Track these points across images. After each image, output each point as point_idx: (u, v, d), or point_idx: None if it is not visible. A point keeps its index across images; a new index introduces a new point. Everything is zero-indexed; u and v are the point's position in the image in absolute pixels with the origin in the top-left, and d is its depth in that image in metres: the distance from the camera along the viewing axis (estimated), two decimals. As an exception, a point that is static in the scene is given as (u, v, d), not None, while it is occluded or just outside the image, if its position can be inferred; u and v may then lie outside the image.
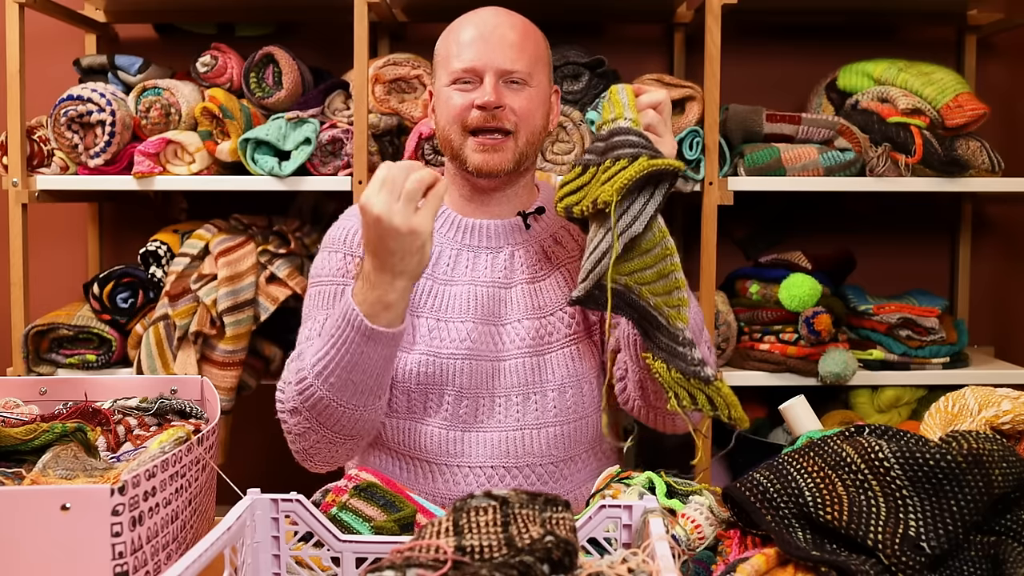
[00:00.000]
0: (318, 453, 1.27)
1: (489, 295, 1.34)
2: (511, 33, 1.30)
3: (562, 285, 1.36)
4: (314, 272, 1.38)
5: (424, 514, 0.97)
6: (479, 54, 1.28)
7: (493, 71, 1.28)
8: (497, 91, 1.27)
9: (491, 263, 1.35)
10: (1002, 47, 2.36)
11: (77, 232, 2.38)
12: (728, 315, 2.04)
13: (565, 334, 1.34)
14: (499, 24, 1.30)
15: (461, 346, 1.31)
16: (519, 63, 1.29)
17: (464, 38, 1.30)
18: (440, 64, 1.34)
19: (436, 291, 1.34)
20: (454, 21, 1.35)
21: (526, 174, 1.38)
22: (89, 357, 2.03)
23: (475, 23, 1.31)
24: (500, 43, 1.28)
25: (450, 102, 1.30)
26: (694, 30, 2.19)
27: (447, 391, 1.32)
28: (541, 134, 1.35)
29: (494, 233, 1.37)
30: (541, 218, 1.40)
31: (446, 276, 1.35)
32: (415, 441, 1.33)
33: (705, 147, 1.94)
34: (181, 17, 2.31)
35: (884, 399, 2.07)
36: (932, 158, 1.95)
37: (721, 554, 0.87)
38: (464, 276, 1.34)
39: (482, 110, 1.27)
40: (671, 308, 1.13)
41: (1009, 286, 2.40)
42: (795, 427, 1.63)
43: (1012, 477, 0.81)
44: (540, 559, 0.65)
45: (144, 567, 0.87)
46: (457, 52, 1.30)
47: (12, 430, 0.97)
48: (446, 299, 1.33)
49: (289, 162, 1.93)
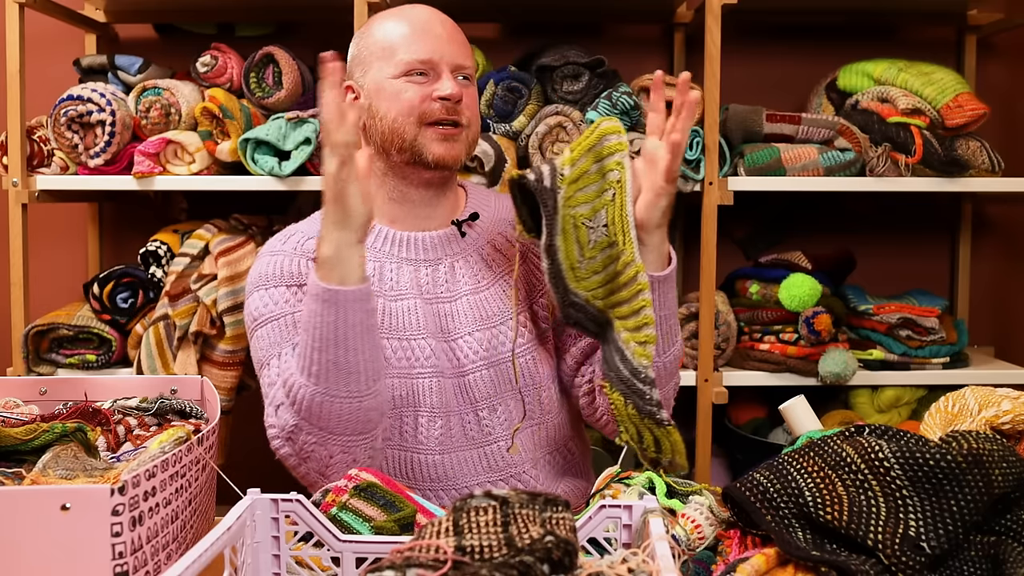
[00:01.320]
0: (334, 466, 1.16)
1: (435, 310, 1.29)
2: (455, 30, 1.30)
3: (507, 293, 1.32)
4: (256, 314, 1.26)
5: (424, 514, 0.97)
6: (434, 47, 1.26)
7: (449, 64, 1.26)
8: (457, 84, 1.26)
9: (432, 276, 1.31)
10: (1002, 47, 2.36)
11: (77, 232, 2.38)
12: (728, 315, 2.04)
13: (518, 343, 1.30)
14: (443, 20, 1.30)
15: (427, 364, 1.27)
16: (468, 59, 1.29)
17: (410, 31, 1.27)
18: (379, 56, 1.28)
19: (387, 308, 1.28)
20: (380, 15, 1.32)
21: (456, 175, 1.38)
22: (89, 357, 2.03)
23: (417, 17, 1.29)
24: (451, 38, 1.28)
25: (404, 95, 1.25)
26: (694, 30, 2.19)
27: (420, 412, 1.27)
28: (479, 134, 1.35)
29: (430, 245, 1.32)
30: (476, 224, 1.36)
31: (393, 292, 1.29)
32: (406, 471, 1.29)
33: (705, 147, 1.94)
34: (181, 17, 2.31)
35: (884, 399, 2.07)
36: (932, 158, 1.95)
37: (721, 554, 0.87)
38: (410, 290, 1.30)
39: (445, 102, 1.25)
40: (638, 344, 1.14)
41: (1009, 286, 2.40)
42: (795, 427, 1.63)
43: (1012, 477, 0.81)
44: (540, 559, 0.65)
45: (144, 567, 0.87)
46: (406, 44, 1.26)
47: (12, 430, 0.97)
48: (399, 315, 1.28)
49: (289, 162, 1.93)
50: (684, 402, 1.78)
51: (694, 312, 2.02)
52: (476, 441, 1.29)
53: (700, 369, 1.99)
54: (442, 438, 1.28)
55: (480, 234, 1.36)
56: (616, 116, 1.94)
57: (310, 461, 1.17)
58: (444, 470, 1.29)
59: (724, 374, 2.02)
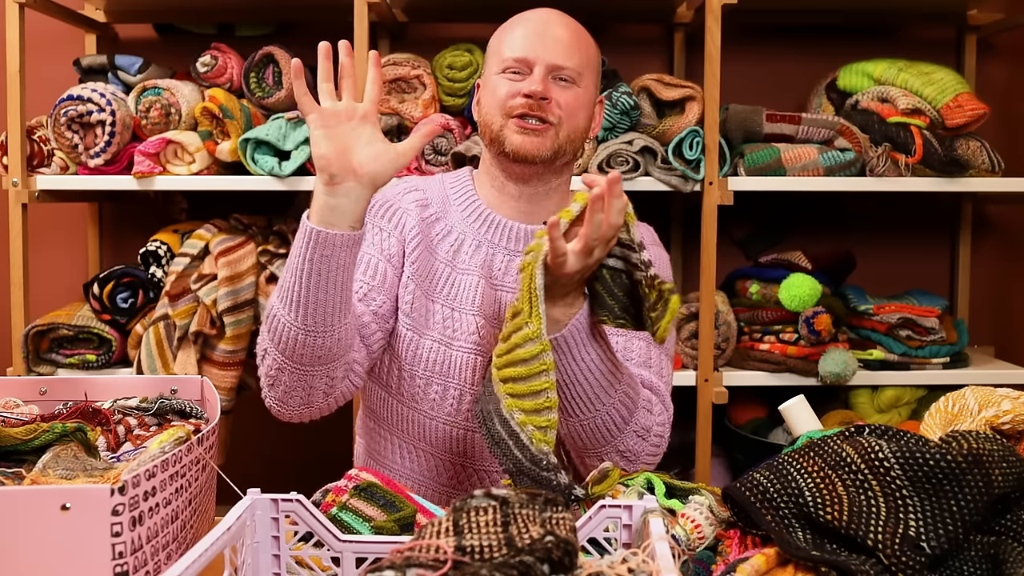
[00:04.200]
0: (294, 392, 1.18)
1: (495, 297, 1.33)
2: (565, 32, 1.31)
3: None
4: None
5: (424, 514, 0.97)
6: (532, 46, 1.29)
7: (544, 64, 1.28)
8: (545, 83, 1.28)
9: (506, 265, 1.34)
10: (1002, 47, 2.36)
11: (77, 232, 2.38)
12: (728, 315, 2.04)
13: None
14: (555, 23, 1.32)
15: (470, 339, 1.31)
16: (570, 61, 1.29)
17: (518, 32, 1.31)
18: (491, 55, 1.35)
19: (453, 279, 1.33)
20: (511, 18, 1.36)
21: (561, 174, 1.36)
22: (89, 357, 2.03)
23: (531, 19, 1.33)
24: (554, 39, 1.29)
25: (497, 90, 1.30)
26: (694, 30, 2.19)
27: (451, 385, 1.31)
28: (582, 135, 1.34)
29: (516, 235, 1.35)
30: None
31: (463, 265, 1.34)
32: (418, 432, 1.34)
33: (705, 147, 1.94)
34: (181, 17, 2.31)
35: (884, 399, 2.07)
36: (932, 158, 1.95)
37: (721, 554, 0.87)
38: (478, 269, 1.34)
39: (528, 99, 1.27)
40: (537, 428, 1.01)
41: (1009, 286, 2.40)
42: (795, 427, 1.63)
43: (1012, 477, 0.80)
44: (540, 559, 0.65)
45: (144, 567, 0.87)
46: (510, 43, 1.31)
47: (12, 430, 0.97)
48: (460, 288, 1.33)
49: (289, 162, 1.93)
50: (684, 402, 1.79)
51: (694, 312, 2.03)
52: None
53: (700, 369, 1.99)
54: (471, 415, 1.31)
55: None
56: (616, 116, 1.94)
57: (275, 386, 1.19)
58: (463, 447, 1.32)
59: (724, 374, 2.02)
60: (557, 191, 1.37)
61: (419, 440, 1.34)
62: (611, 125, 1.95)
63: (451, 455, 1.33)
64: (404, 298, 1.32)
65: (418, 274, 1.33)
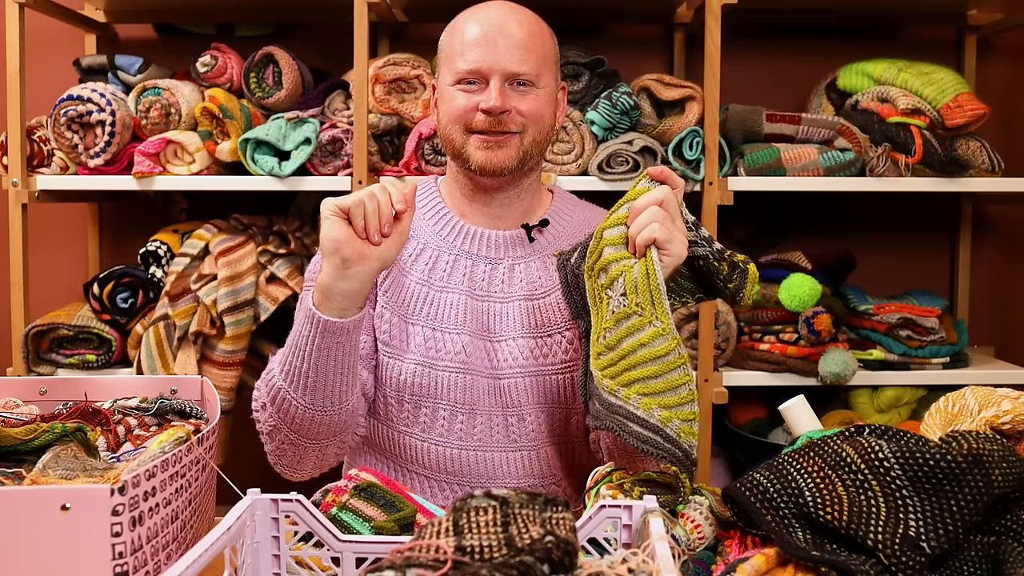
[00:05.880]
0: (284, 455, 1.23)
1: (483, 309, 1.30)
2: (518, 32, 1.25)
3: (563, 306, 1.30)
4: (307, 275, 1.33)
5: (424, 514, 0.97)
6: (484, 56, 1.24)
7: (499, 74, 1.24)
8: (503, 95, 1.23)
9: (488, 275, 1.31)
10: (1002, 47, 2.36)
11: (77, 232, 2.38)
12: (728, 315, 2.04)
13: (562, 359, 1.29)
14: (506, 23, 1.25)
15: (456, 359, 1.28)
16: (526, 65, 1.24)
17: (468, 37, 1.25)
18: (444, 61, 1.30)
19: (431, 298, 1.30)
20: (459, 15, 1.30)
21: (530, 174, 1.33)
22: (89, 357, 2.03)
23: (481, 20, 1.26)
24: (507, 44, 1.24)
25: (453, 102, 1.26)
26: (694, 30, 2.19)
27: (440, 405, 1.28)
28: (548, 134, 1.31)
29: (495, 243, 1.32)
30: (546, 231, 1.34)
31: (442, 283, 1.30)
32: (411, 455, 1.31)
33: (705, 147, 1.94)
34: (181, 17, 2.31)
35: (884, 399, 2.07)
36: (932, 158, 1.95)
37: (721, 554, 0.87)
38: (460, 285, 1.30)
39: (487, 114, 1.24)
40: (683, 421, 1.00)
41: (1009, 286, 2.40)
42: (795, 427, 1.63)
43: (1012, 477, 0.80)
44: (540, 559, 0.65)
45: (144, 567, 0.87)
46: (461, 51, 1.25)
47: (12, 430, 0.97)
48: (441, 307, 1.29)
49: (289, 162, 1.93)
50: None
51: (694, 312, 2.03)
52: (503, 444, 1.30)
53: (700, 369, 1.99)
54: (463, 434, 1.29)
55: (551, 241, 1.34)
56: (616, 116, 1.94)
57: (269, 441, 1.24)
58: (465, 465, 1.30)
59: (724, 374, 2.02)
60: (528, 191, 1.35)
61: (413, 463, 1.32)
62: (611, 125, 1.95)
63: (446, 475, 1.31)
64: (381, 328, 1.30)
65: (392, 301, 1.30)
